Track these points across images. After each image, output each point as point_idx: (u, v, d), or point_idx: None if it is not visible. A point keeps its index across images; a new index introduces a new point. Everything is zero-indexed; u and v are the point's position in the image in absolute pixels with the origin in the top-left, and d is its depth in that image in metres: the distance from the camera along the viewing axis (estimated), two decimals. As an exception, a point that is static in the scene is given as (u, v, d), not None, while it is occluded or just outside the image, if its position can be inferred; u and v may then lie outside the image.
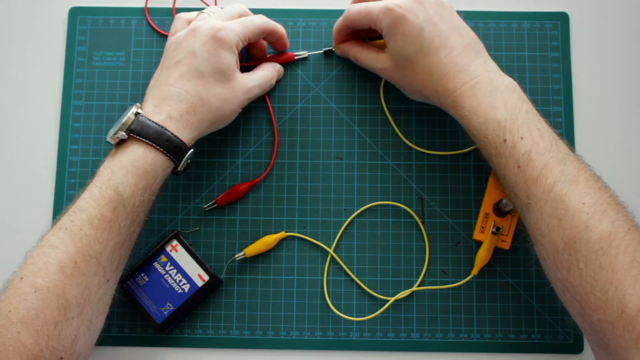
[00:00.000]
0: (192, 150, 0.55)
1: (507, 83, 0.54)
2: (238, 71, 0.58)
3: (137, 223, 0.53)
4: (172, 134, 0.53)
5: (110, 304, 0.54)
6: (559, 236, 0.48)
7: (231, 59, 0.56)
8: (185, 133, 0.54)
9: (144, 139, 0.52)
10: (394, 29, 0.55)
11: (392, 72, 0.58)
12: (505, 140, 0.51)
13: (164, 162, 0.53)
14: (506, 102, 0.53)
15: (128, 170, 0.51)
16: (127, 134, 0.53)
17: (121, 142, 0.53)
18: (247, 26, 0.58)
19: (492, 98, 0.53)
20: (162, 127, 0.53)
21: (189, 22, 0.59)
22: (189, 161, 0.55)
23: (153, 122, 0.53)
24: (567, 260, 0.48)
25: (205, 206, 0.62)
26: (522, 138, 0.51)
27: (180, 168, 0.55)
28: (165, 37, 0.65)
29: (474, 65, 0.54)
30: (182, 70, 0.55)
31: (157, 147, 0.52)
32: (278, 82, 0.64)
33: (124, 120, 0.53)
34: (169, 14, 0.66)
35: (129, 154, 0.52)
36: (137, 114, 0.53)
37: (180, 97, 0.54)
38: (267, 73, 0.62)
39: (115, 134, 0.53)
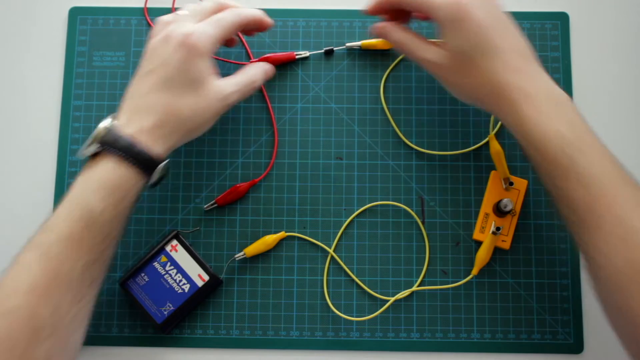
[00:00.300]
0: (165, 162, 0.54)
1: (565, 97, 0.52)
2: (213, 77, 0.55)
3: (110, 239, 0.52)
4: (142, 147, 0.51)
5: (86, 321, 0.52)
6: (622, 257, 0.46)
7: (203, 66, 0.54)
8: (157, 145, 0.52)
9: (114, 152, 0.51)
10: (455, 22, 0.52)
11: (447, 68, 0.55)
12: (567, 154, 0.49)
13: (135, 176, 0.52)
14: (567, 115, 0.51)
15: (99, 185, 0.50)
16: (98, 148, 0.51)
17: (94, 155, 0.52)
18: (221, 25, 0.55)
19: (553, 109, 0.51)
20: (133, 139, 0.51)
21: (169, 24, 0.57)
22: (164, 173, 0.54)
23: (124, 135, 0.51)
24: (628, 282, 0.46)
25: (205, 206, 0.62)
26: (584, 154, 0.49)
27: (152, 181, 0.54)
28: (165, 37, 0.65)
29: (532, 72, 0.53)
30: (154, 80, 0.53)
31: (128, 160, 0.51)
32: (273, 80, 0.64)
33: (95, 132, 0.52)
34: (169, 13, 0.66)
35: (100, 168, 0.51)
36: (109, 126, 0.52)
37: (151, 108, 0.53)
38: (248, 76, 0.59)
39: (87, 147, 0.52)
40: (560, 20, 0.66)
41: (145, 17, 0.66)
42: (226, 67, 0.65)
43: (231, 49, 0.65)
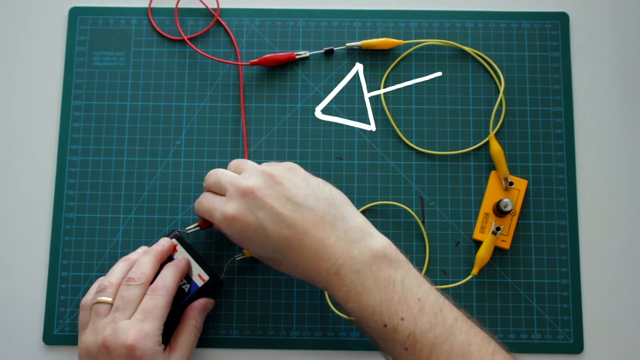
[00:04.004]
0: None
1: (375, 250, 0.49)
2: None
3: None
4: None
5: None
6: None
7: None
8: None
9: None
10: (239, 237, 0.53)
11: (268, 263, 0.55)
12: (385, 325, 0.47)
13: None
14: (377, 278, 0.48)
15: None
16: None
17: None
18: (157, 316, 0.52)
19: (360, 278, 0.48)
20: None
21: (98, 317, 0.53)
22: None
23: None
24: None
25: (205, 206, 0.62)
26: (402, 319, 0.47)
27: None
28: (165, 38, 0.65)
29: (332, 244, 0.49)
30: None
31: None
32: (273, 80, 0.64)
33: None
34: (170, 13, 0.66)
35: None
36: None
37: None
38: (190, 338, 0.56)
39: None
40: (560, 20, 0.66)
41: (149, 18, 0.66)
42: (226, 67, 0.65)
43: (230, 49, 0.65)
